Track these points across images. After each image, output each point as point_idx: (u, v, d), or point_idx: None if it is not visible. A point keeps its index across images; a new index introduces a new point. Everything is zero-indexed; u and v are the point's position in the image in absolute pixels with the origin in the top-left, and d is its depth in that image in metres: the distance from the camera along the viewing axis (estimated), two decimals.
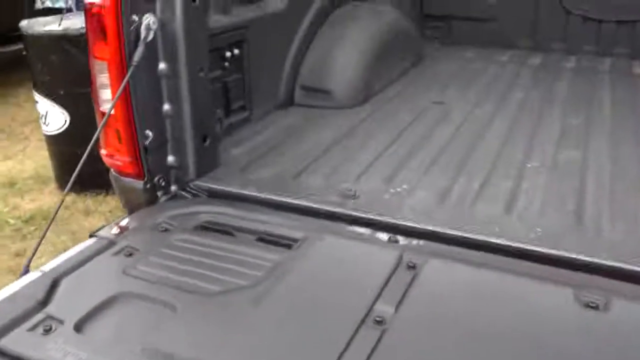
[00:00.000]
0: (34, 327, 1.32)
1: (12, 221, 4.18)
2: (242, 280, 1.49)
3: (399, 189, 2.00)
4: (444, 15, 4.15)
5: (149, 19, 1.86)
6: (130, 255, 1.60)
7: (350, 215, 1.81)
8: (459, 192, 1.97)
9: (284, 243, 1.68)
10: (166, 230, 1.74)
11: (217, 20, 2.30)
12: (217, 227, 1.77)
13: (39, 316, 1.35)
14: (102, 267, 1.55)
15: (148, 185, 2.00)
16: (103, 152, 2.03)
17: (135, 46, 1.84)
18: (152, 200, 2.02)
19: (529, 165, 2.17)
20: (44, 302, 1.40)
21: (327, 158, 2.26)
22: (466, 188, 1.99)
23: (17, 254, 3.69)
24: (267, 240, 1.71)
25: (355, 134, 2.52)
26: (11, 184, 4.54)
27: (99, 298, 1.41)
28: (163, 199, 2.05)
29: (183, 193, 2.07)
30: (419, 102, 2.92)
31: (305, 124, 2.64)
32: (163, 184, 2.06)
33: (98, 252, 1.61)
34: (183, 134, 2.04)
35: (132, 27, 1.83)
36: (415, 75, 3.40)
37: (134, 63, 1.82)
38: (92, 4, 1.81)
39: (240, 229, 1.75)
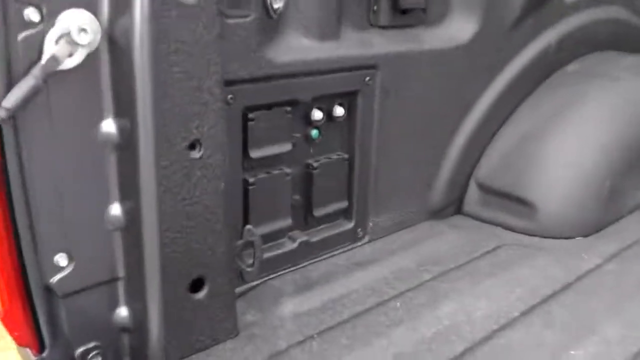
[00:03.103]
0: None
1: None
2: None
3: None
4: None
5: (69, 23, 0.83)
6: None
7: None
8: None
9: None
10: None
11: (298, 48, 1.20)
12: None
13: None
14: None
15: None
16: None
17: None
18: None
19: None
20: None
21: None
22: None
23: None
24: None
25: (551, 311, 1.19)
26: None
27: None
28: None
29: None
30: None
31: (461, 260, 1.38)
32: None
33: None
34: (143, 267, 0.96)
35: (22, 35, 0.82)
36: None
37: (5, 111, 0.80)
38: None
39: None
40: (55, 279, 0.93)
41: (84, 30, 0.84)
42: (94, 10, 0.86)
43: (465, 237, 1.53)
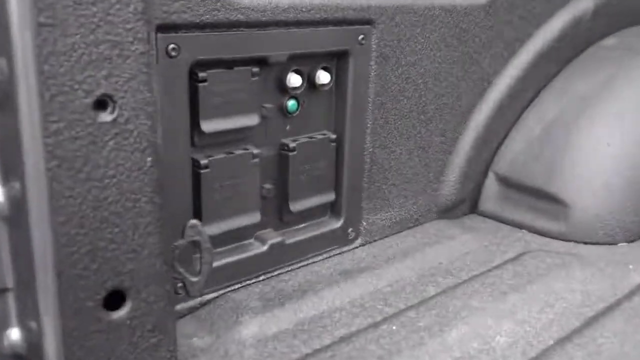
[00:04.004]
0: None
1: None
2: None
3: None
4: None
5: None
6: None
7: None
8: None
9: None
10: None
11: None
12: None
13: None
14: None
15: None
16: None
17: None
18: None
19: None
20: None
21: None
22: None
23: None
24: None
25: (596, 339, 0.90)
26: None
27: None
28: None
29: None
30: None
31: (476, 270, 1.10)
32: None
33: None
34: (34, 274, 0.69)
35: None
36: None
37: None
38: None
39: None
40: None
41: None
42: None
43: (481, 241, 1.25)
